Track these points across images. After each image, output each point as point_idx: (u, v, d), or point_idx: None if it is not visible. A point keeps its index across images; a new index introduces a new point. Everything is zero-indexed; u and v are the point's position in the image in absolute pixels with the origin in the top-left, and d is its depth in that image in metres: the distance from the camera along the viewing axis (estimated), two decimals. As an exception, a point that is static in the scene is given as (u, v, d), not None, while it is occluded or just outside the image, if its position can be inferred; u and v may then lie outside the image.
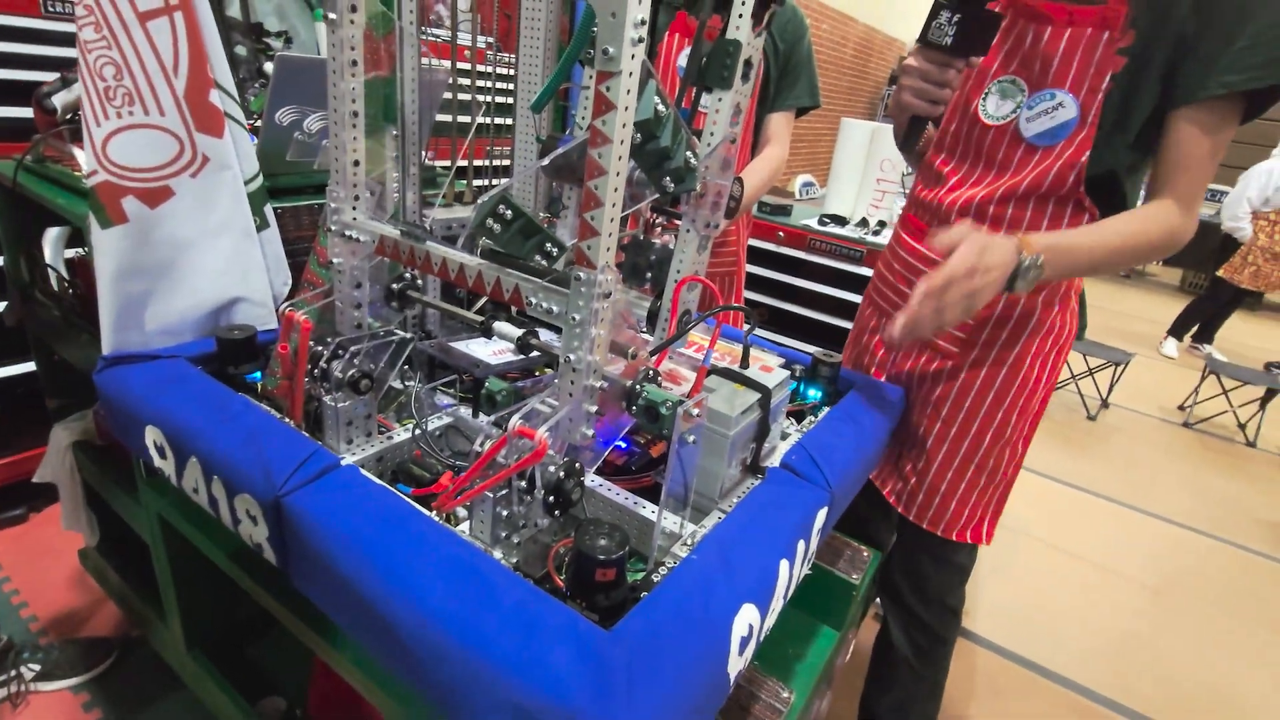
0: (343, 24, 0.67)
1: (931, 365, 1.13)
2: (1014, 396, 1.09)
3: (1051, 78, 0.94)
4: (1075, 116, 0.92)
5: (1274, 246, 4.25)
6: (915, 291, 0.81)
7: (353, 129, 0.72)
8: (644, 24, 0.51)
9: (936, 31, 0.89)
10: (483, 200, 0.63)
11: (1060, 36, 0.92)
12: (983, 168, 1.03)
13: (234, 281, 0.93)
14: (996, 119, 1.00)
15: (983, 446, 1.11)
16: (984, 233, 0.83)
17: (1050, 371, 1.10)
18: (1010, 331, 1.07)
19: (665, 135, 0.62)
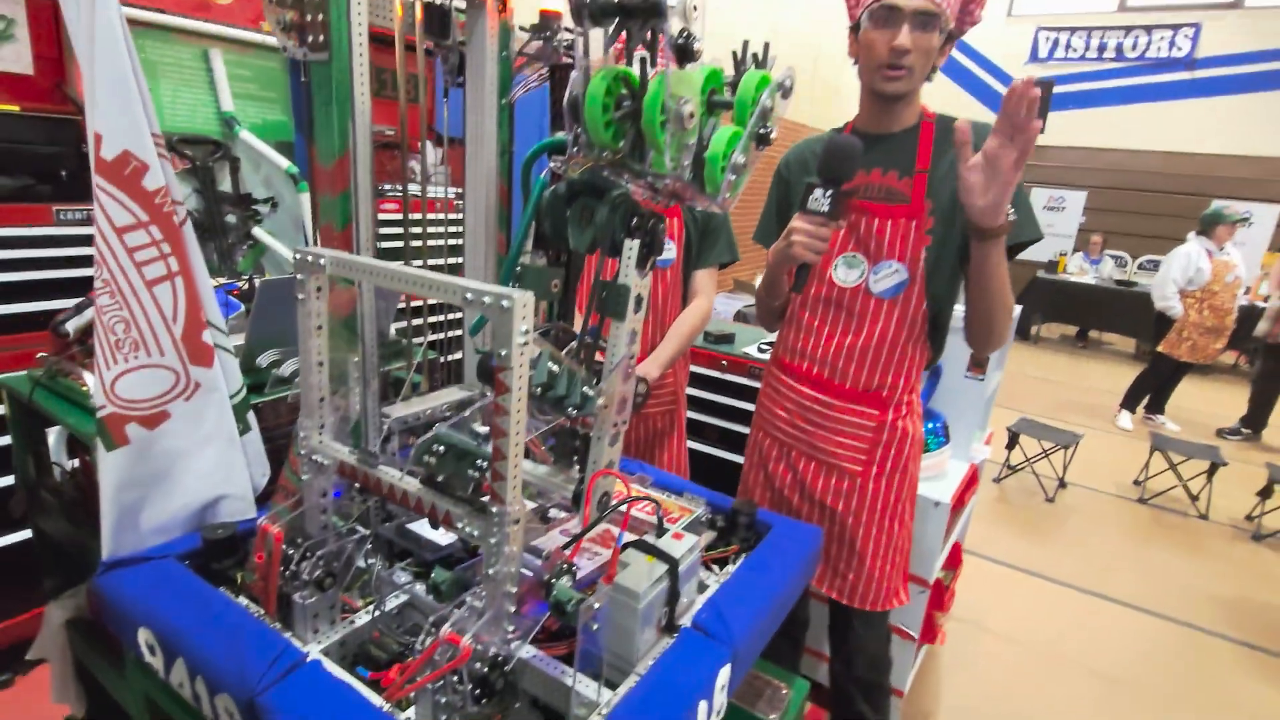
0: (309, 300, 0.85)
1: (843, 484, 1.43)
2: (901, 490, 1.43)
3: (885, 253, 1.32)
4: (907, 278, 1.32)
5: (1204, 322, 4.54)
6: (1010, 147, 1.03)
7: (319, 373, 0.89)
8: (526, 332, 0.69)
9: (815, 203, 1.16)
10: (420, 442, 0.79)
11: (885, 226, 1.30)
12: (844, 319, 1.38)
13: (219, 482, 1.08)
14: (848, 283, 1.36)
15: (895, 534, 1.45)
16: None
17: (916, 465, 1.47)
18: (895, 452, 1.41)
19: (560, 386, 0.79)
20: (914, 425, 1.42)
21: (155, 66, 2.26)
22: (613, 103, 0.84)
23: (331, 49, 0.87)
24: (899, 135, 1.32)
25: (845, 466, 1.41)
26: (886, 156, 1.32)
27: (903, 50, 1.19)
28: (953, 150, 1.22)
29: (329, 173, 0.92)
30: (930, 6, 1.17)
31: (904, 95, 1.27)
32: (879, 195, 1.32)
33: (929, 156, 1.29)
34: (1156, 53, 8.61)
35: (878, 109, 1.32)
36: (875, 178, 1.33)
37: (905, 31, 1.18)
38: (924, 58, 1.22)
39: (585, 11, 0.83)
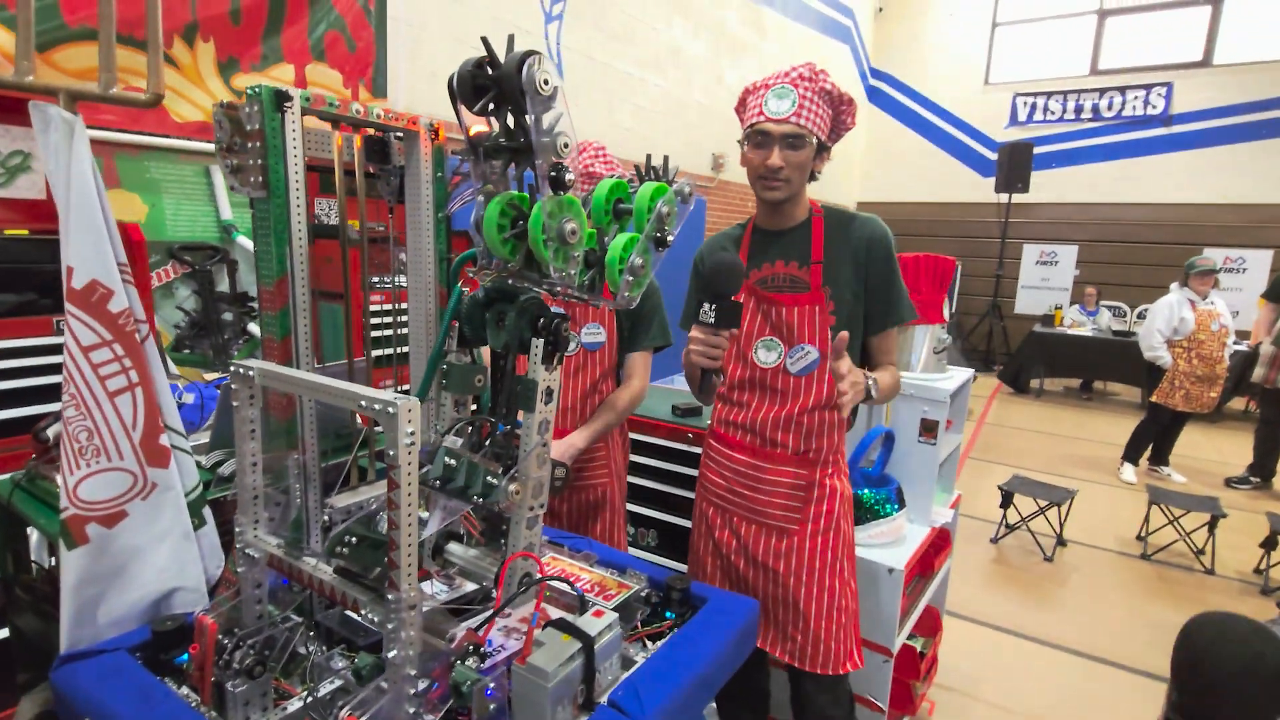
0: (243, 408, 0.95)
1: (781, 543, 1.50)
2: (837, 547, 1.51)
3: (797, 336, 1.44)
4: (818, 356, 1.46)
5: (1195, 370, 4.54)
6: (843, 381, 1.29)
7: (253, 474, 0.98)
8: (413, 433, 0.78)
9: (704, 316, 1.27)
10: (334, 533, 0.87)
11: (793, 313, 1.44)
12: (769, 395, 1.51)
13: (173, 575, 1.16)
14: (769, 363, 1.49)
15: (836, 592, 1.50)
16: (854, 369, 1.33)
17: (849, 522, 1.56)
18: (826, 508, 1.50)
19: (459, 477, 0.88)
20: (842, 483, 1.52)
21: (159, 184, 2.48)
22: (508, 223, 0.96)
23: (269, 189, 1.01)
24: (794, 230, 1.49)
25: (782, 526, 1.50)
26: (787, 249, 1.48)
27: (775, 168, 1.36)
28: (844, 240, 1.44)
29: (270, 292, 1.04)
30: (796, 129, 1.34)
31: (786, 200, 1.43)
32: (785, 284, 1.48)
33: (821, 247, 1.45)
34: (1132, 111, 8.91)
35: (770, 211, 1.49)
36: (780, 268, 1.48)
37: (776, 152, 1.36)
38: (798, 170, 1.39)
39: (479, 150, 0.96)
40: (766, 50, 7.13)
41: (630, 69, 5.21)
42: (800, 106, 1.34)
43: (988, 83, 9.75)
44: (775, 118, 1.35)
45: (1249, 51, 8.30)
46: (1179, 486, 4.70)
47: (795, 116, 1.34)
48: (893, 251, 1.47)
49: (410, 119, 1.20)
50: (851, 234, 1.46)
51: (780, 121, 1.35)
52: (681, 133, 5.93)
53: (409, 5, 3.37)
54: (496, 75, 0.86)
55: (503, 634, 1.09)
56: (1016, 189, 8.46)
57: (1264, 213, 8.14)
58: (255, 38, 2.65)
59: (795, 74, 1.36)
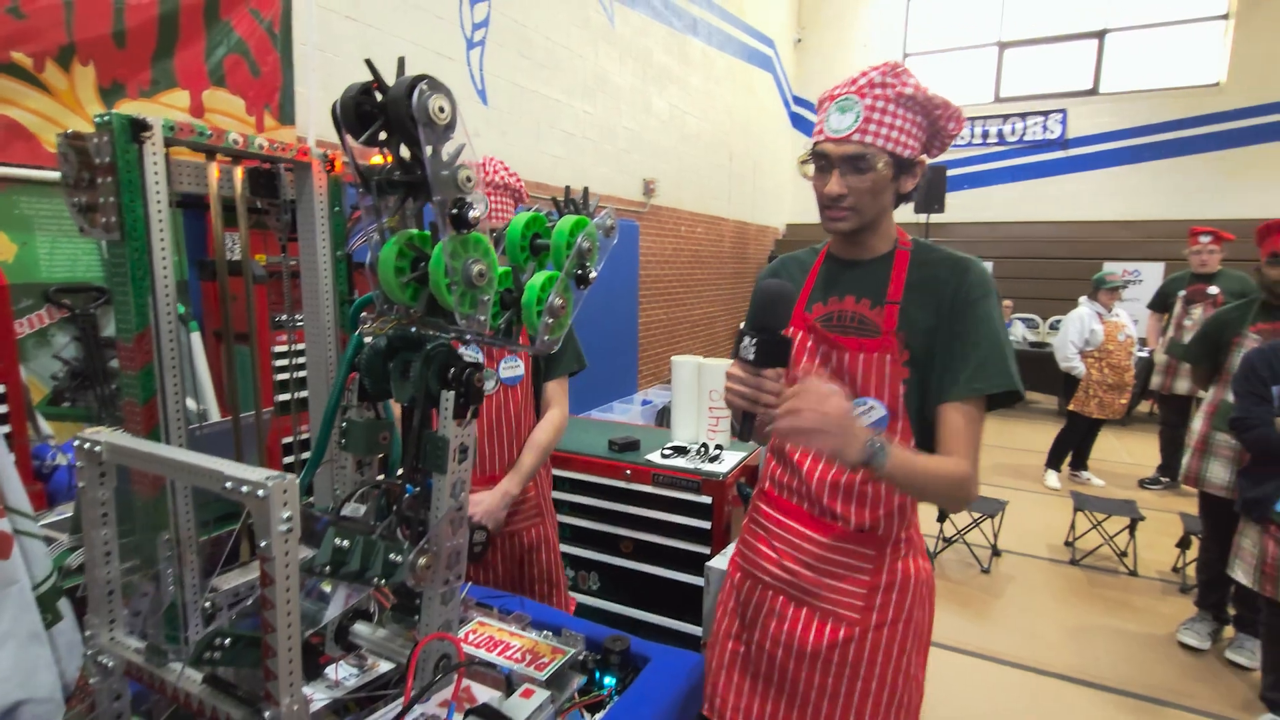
0: (91, 489, 0.81)
1: (839, 633, 1.25)
2: (906, 640, 1.26)
3: (859, 389, 1.22)
4: (885, 414, 1.20)
5: (1106, 379, 4.78)
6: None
7: (105, 566, 0.83)
8: (289, 519, 0.66)
9: (744, 351, 1.09)
10: (203, 634, 0.73)
11: (856, 360, 1.22)
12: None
13: (17, 686, 0.98)
14: None
15: (899, 691, 1.26)
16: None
17: (929, 610, 1.32)
18: (897, 596, 1.25)
19: (354, 560, 0.76)
20: (917, 564, 1.27)
21: (31, 220, 2.23)
22: (407, 265, 0.86)
23: (124, 230, 0.87)
24: (871, 263, 1.25)
25: (841, 614, 1.25)
26: (858, 284, 1.25)
27: (835, 196, 1.16)
28: (930, 280, 1.20)
29: (129, 350, 0.90)
30: (860, 149, 1.12)
31: (853, 233, 1.22)
32: (852, 326, 1.24)
33: (901, 287, 1.20)
34: (1033, 136, 9.52)
35: (843, 240, 1.27)
36: (848, 305, 1.25)
37: (835, 178, 1.15)
38: (866, 197, 1.16)
39: (372, 184, 0.86)
40: (692, 79, 7.25)
41: (557, 96, 5.17)
42: (867, 120, 1.11)
43: (902, 109, 10.23)
44: (834, 136, 1.13)
45: (1131, 81, 9.03)
46: (1099, 490, 4.91)
47: (859, 134, 1.11)
48: (990, 299, 1.17)
49: (301, 149, 1.09)
50: (939, 273, 1.19)
51: (840, 141, 1.13)
52: (612, 159, 5.92)
53: (321, 30, 3.21)
54: (384, 102, 0.76)
55: (418, 725, 0.97)
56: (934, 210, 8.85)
57: (1155, 228, 8.79)
58: (144, 61, 2.44)
59: (865, 80, 1.13)
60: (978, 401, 1.16)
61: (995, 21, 9.68)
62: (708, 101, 7.64)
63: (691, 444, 2.35)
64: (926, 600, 1.30)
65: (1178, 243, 7.91)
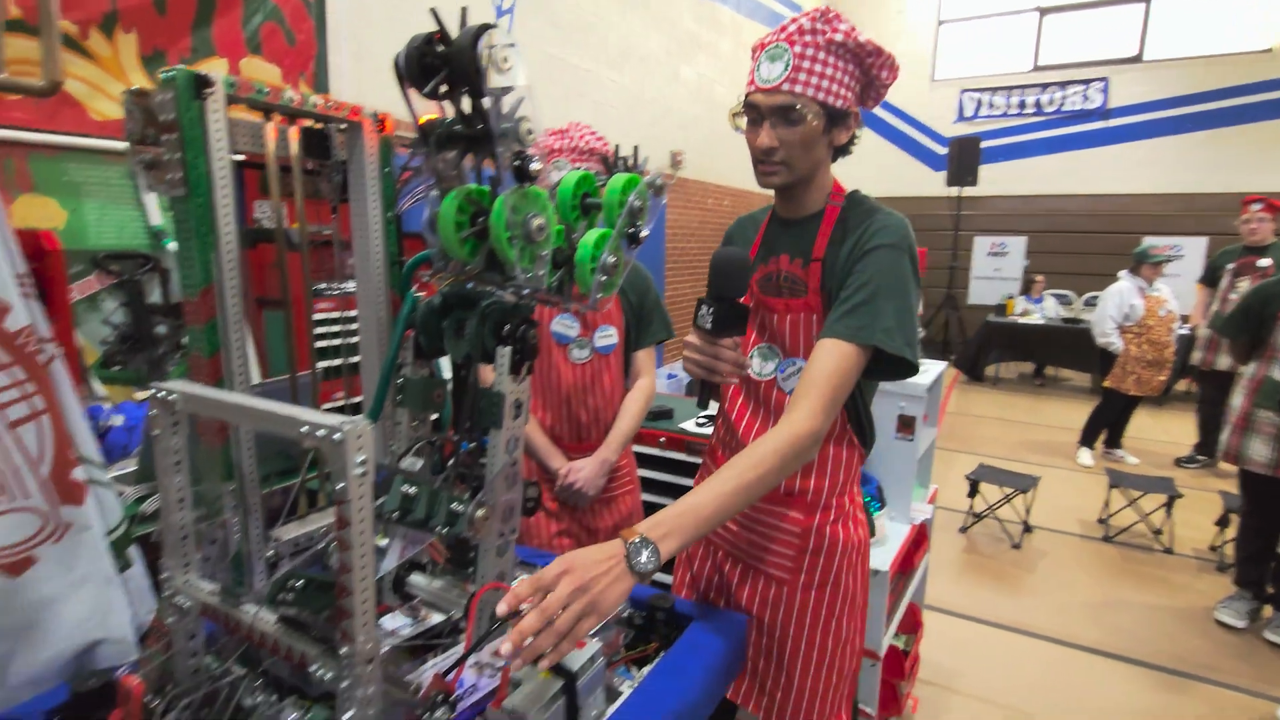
0: (165, 437, 0.83)
1: (769, 592, 1.29)
2: (835, 604, 1.29)
3: (788, 349, 1.23)
4: None
5: (1145, 355, 4.67)
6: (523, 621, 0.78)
7: (179, 511, 0.86)
8: (364, 463, 0.68)
9: (701, 320, 1.11)
10: (276, 577, 0.76)
11: (784, 321, 1.22)
12: (763, 412, 1.27)
13: (95, 626, 1.02)
14: (763, 375, 1.27)
15: (829, 652, 1.28)
16: (578, 551, 0.88)
17: (861, 576, 1.32)
18: (824, 560, 1.27)
19: (419, 508, 0.78)
20: (849, 530, 1.27)
21: (80, 187, 2.28)
22: (466, 220, 0.86)
23: (189, 187, 0.89)
24: (804, 220, 1.24)
25: (772, 573, 1.29)
26: (792, 243, 1.24)
27: (765, 149, 1.14)
28: (849, 234, 1.16)
29: (194, 304, 0.92)
30: (788, 100, 1.09)
31: (790, 186, 1.19)
32: (785, 285, 1.24)
33: (825, 243, 1.19)
34: (1072, 106, 9.20)
35: (781, 196, 1.26)
36: (783, 264, 1.24)
37: (765, 129, 1.12)
38: (798, 150, 1.13)
39: (431, 140, 0.86)
40: (722, 46, 7.10)
41: (587, 65, 5.11)
42: (796, 69, 1.08)
43: (934, 79, 9.94)
44: (764, 86, 1.10)
45: (1177, 48, 8.65)
46: (1133, 468, 4.83)
47: (788, 83, 1.08)
48: (897, 250, 1.12)
49: (353, 109, 1.09)
50: (859, 227, 1.16)
51: (770, 91, 1.10)
52: (640, 130, 5.85)
53: (352, -2, 3.21)
54: (448, 53, 0.76)
55: (475, 672, 1.00)
56: (966, 182, 8.65)
57: (1198, 201, 8.49)
58: (184, 29, 2.46)
59: (795, 27, 1.09)
60: (843, 346, 1.07)
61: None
62: (737, 69, 7.49)
63: (725, 413, 2.35)
64: (858, 567, 1.29)
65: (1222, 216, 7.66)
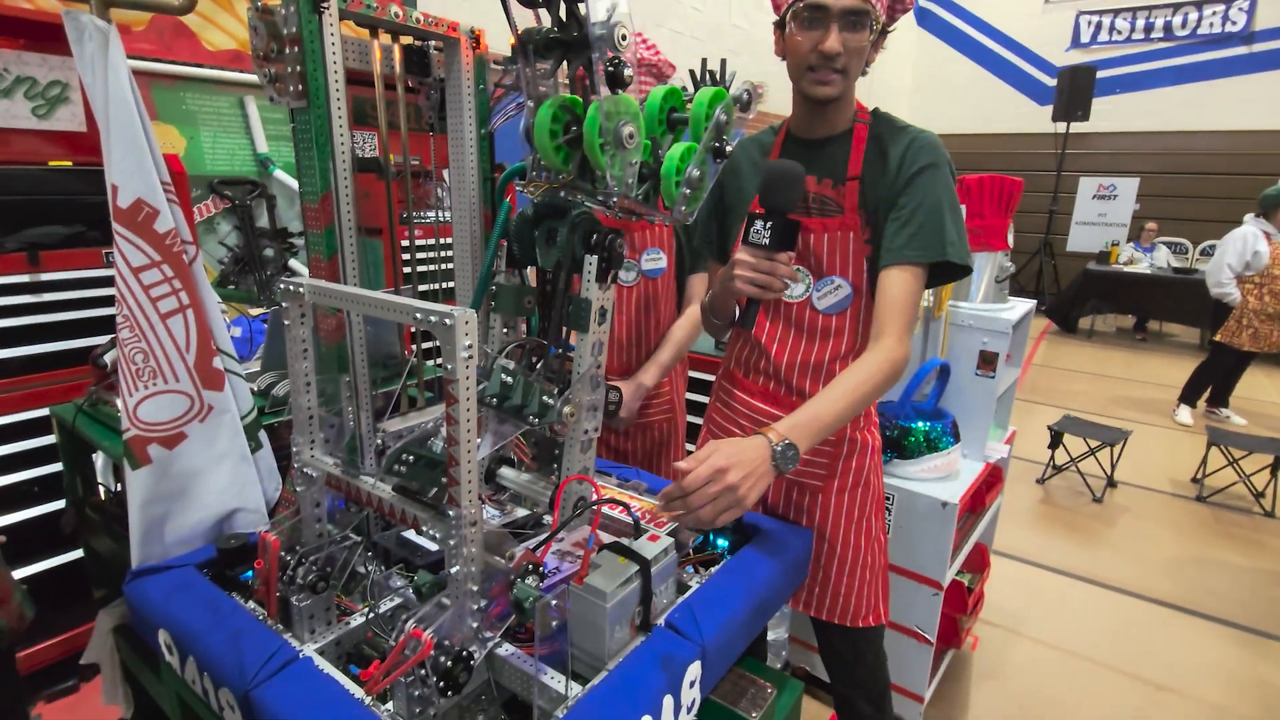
0: (294, 326, 0.93)
1: (804, 499, 1.38)
2: (866, 503, 1.38)
3: (825, 268, 1.26)
4: (850, 292, 1.26)
5: (1266, 308, 4.29)
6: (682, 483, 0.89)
7: (306, 394, 0.97)
8: (470, 346, 0.75)
9: (755, 235, 1.08)
10: (390, 451, 0.86)
11: (821, 240, 1.25)
12: (794, 333, 1.32)
13: (234, 496, 1.18)
14: (794, 297, 1.31)
15: (862, 548, 1.38)
16: (729, 442, 0.95)
17: (878, 475, 1.41)
18: (856, 462, 1.36)
19: (516, 395, 0.85)
20: (872, 435, 1.37)
21: (196, 116, 2.45)
22: (560, 129, 0.90)
23: (310, 98, 0.96)
24: (833, 140, 1.24)
25: (805, 482, 1.36)
26: (821, 164, 1.24)
27: (832, 54, 1.11)
28: (884, 153, 1.19)
29: (314, 210, 1.01)
30: (860, 4, 1.09)
31: (836, 99, 1.19)
32: (815, 206, 1.26)
33: (860, 162, 1.21)
34: (1209, 29, 8.21)
35: (810, 113, 1.24)
36: (810, 185, 1.25)
37: (834, 33, 1.10)
38: (856, 59, 1.14)
39: (530, 48, 0.89)
40: (811, -31, 6.68)
41: (667, -9, 4.95)
42: None
43: (1048, 1, 9.05)
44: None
45: (1349, -43, 7.51)
46: (1239, 429, 4.51)
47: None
48: (934, 168, 1.17)
49: (450, 25, 1.13)
50: (896, 146, 1.19)
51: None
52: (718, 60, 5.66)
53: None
54: (549, -43, 0.78)
55: (557, 558, 1.09)
56: (1076, 117, 7.95)
57: (1351, 139, 7.51)
58: (282, -40, 2.55)
59: None
60: (914, 269, 1.15)
61: (1178, -112, 8.22)
62: (826, -4, 7.05)
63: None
64: (879, 465, 1.40)
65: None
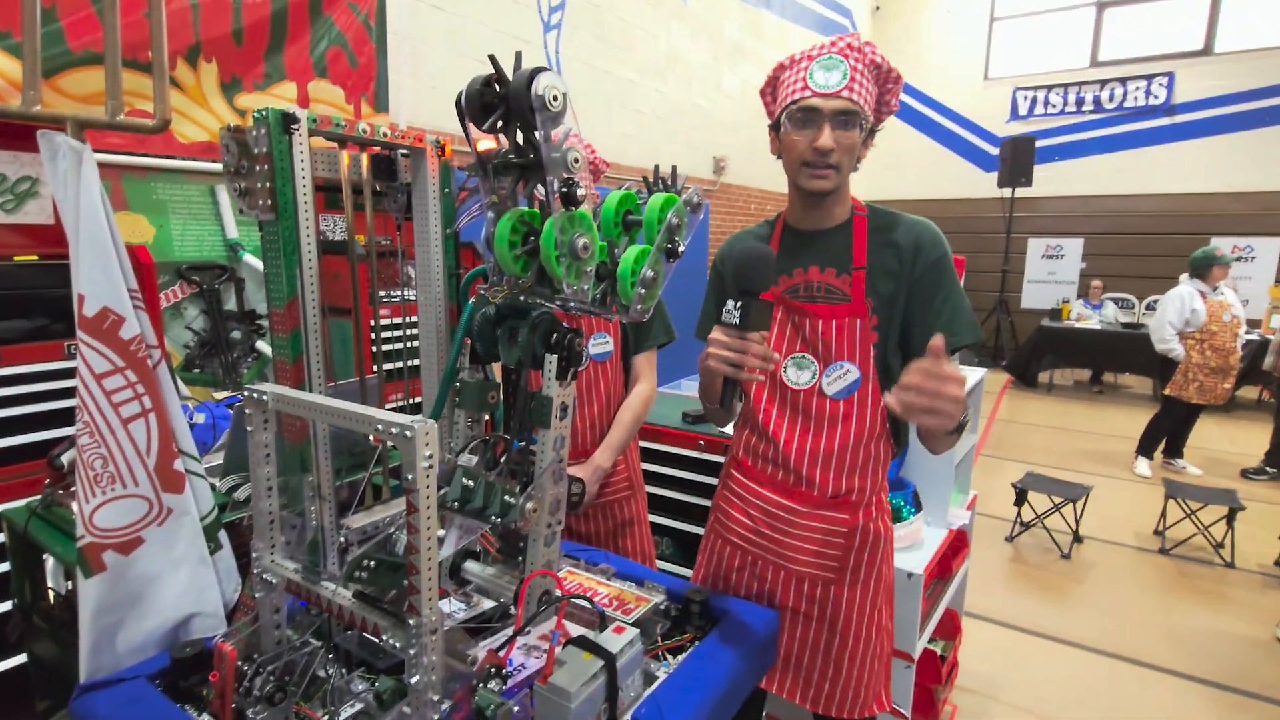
0: (257, 432, 0.95)
1: (815, 590, 1.36)
2: (877, 595, 1.37)
3: (834, 354, 1.29)
4: (859, 377, 1.29)
5: (1208, 362, 4.50)
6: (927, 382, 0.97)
7: (268, 499, 0.97)
8: (430, 456, 0.77)
9: (727, 315, 1.11)
10: (352, 557, 0.86)
11: (830, 327, 1.28)
12: (802, 420, 1.33)
13: (190, 601, 1.15)
14: (801, 384, 1.33)
15: (872, 641, 1.36)
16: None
17: (890, 564, 1.41)
18: (869, 555, 1.35)
19: (477, 498, 0.87)
20: (885, 524, 1.37)
21: (166, 205, 2.49)
22: (519, 240, 0.95)
23: (278, 211, 1.00)
24: (832, 231, 1.31)
25: (817, 575, 1.34)
26: (822, 253, 1.31)
27: (826, 150, 1.19)
28: (889, 244, 1.26)
29: (280, 315, 1.04)
30: (850, 105, 1.17)
31: (831, 193, 1.26)
32: (820, 294, 1.30)
33: (864, 252, 1.28)
34: (1134, 102, 8.87)
35: (807, 206, 1.31)
36: (814, 275, 1.30)
37: (826, 131, 1.18)
38: (848, 155, 1.22)
39: (489, 168, 0.95)
40: (766, 53, 7.12)
41: (630, 75, 5.22)
42: (851, 79, 1.17)
43: (987, 78, 9.72)
44: (824, 91, 1.17)
45: (1250, 39, 8.25)
46: (1195, 479, 4.65)
47: (847, 90, 1.16)
48: (948, 259, 1.26)
49: (416, 136, 1.20)
50: (898, 238, 1.27)
51: (830, 95, 1.17)
52: (683, 136, 5.93)
53: (410, 20, 3.38)
54: (505, 93, 0.85)
55: (523, 653, 1.09)
56: (1020, 183, 8.43)
57: (1271, 200, 8.07)
58: (258, 56, 2.66)
59: (843, 43, 1.19)
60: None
61: (1094, -21, 9.03)
62: (780, 76, 7.50)
63: (764, 417, 2.40)
64: (891, 555, 1.40)
65: (1298, 216, 7.27)
